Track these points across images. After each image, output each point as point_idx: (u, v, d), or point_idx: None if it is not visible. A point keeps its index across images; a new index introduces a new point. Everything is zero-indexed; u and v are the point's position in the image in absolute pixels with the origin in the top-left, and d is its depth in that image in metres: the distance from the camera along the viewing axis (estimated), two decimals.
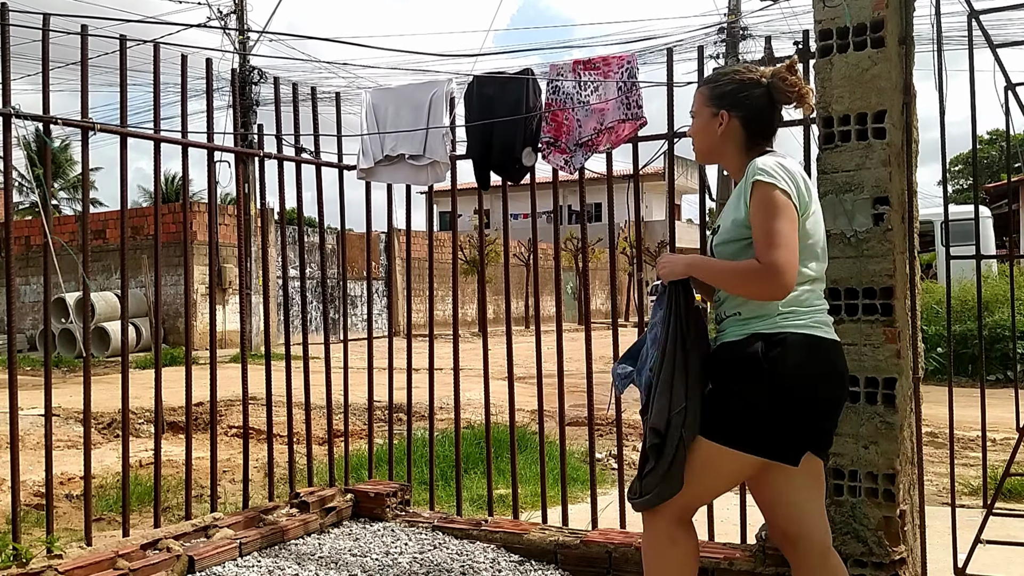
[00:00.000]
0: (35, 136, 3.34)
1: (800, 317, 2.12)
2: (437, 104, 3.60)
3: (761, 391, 2.10)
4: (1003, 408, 4.35)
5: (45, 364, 2.92)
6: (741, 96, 2.19)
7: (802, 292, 2.12)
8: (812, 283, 2.15)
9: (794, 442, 2.10)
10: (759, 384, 2.10)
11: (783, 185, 2.04)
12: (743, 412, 2.11)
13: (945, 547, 2.92)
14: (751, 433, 2.09)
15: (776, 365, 2.08)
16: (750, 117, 2.19)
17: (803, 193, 2.09)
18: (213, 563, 3.01)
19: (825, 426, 2.16)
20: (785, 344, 2.09)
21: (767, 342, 2.11)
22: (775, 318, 2.12)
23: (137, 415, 7.72)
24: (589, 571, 3.04)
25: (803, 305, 2.13)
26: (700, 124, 2.28)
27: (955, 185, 42.32)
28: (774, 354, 2.09)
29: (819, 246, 2.16)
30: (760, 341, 2.12)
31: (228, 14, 18.70)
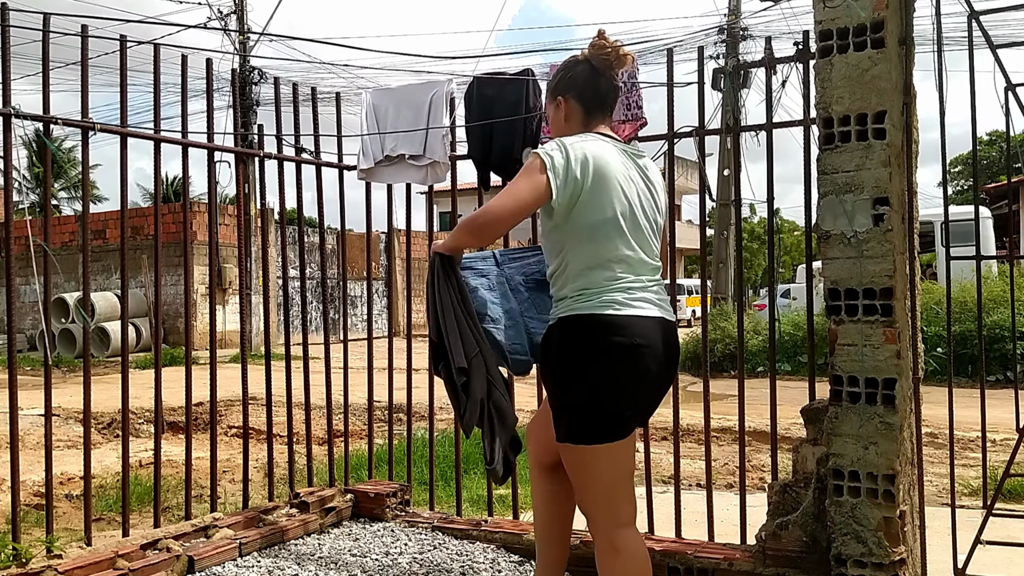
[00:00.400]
0: (35, 136, 3.33)
1: (585, 301, 2.20)
2: (437, 104, 3.60)
3: (563, 379, 2.21)
4: (1003, 408, 4.35)
5: (45, 364, 2.92)
6: (568, 77, 2.40)
7: (586, 278, 2.21)
8: (597, 265, 2.21)
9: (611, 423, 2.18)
10: (561, 372, 2.21)
11: (544, 155, 2.20)
12: (568, 407, 2.21)
13: (945, 547, 2.92)
14: (582, 424, 2.19)
15: (564, 349, 2.21)
16: (581, 92, 2.37)
17: (577, 180, 2.18)
18: (213, 563, 3.01)
19: (639, 403, 2.24)
20: (568, 326, 2.21)
21: (560, 326, 2.24)
22: (568, 301, 2.24)
23: (137, 415, 7.72)
24: (589, 571, 3.03)
25: (588, 287, 2.21)
26: (550, 117, 2.48)
27: (955, 186, 42.32)
28: (565, 338, 2.22)
29: (604, 229, 2.21)
30: (555, 327, 2.26)
31: (228, 14, 18.70)
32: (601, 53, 2.36)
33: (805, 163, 2.93)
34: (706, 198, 3.22)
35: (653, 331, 2.23)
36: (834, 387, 2.52)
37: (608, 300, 2.19)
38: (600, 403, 2.18)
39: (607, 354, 2.17)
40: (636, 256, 2.26)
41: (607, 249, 2.22)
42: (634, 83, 3.16)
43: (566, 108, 2.39)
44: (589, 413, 2.19)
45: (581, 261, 2.23)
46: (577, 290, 2.23)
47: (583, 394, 2.19)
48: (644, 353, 2.19)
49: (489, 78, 3.46)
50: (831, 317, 2.52)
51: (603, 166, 2.22)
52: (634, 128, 3.18)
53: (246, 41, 18.56)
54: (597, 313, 2.18)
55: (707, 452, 3.15)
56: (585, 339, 2.19)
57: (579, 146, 2.22)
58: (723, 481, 5.30)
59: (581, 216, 2.21)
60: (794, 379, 8.55)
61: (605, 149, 2.26)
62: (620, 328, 2.18)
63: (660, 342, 2.24)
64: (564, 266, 2.26)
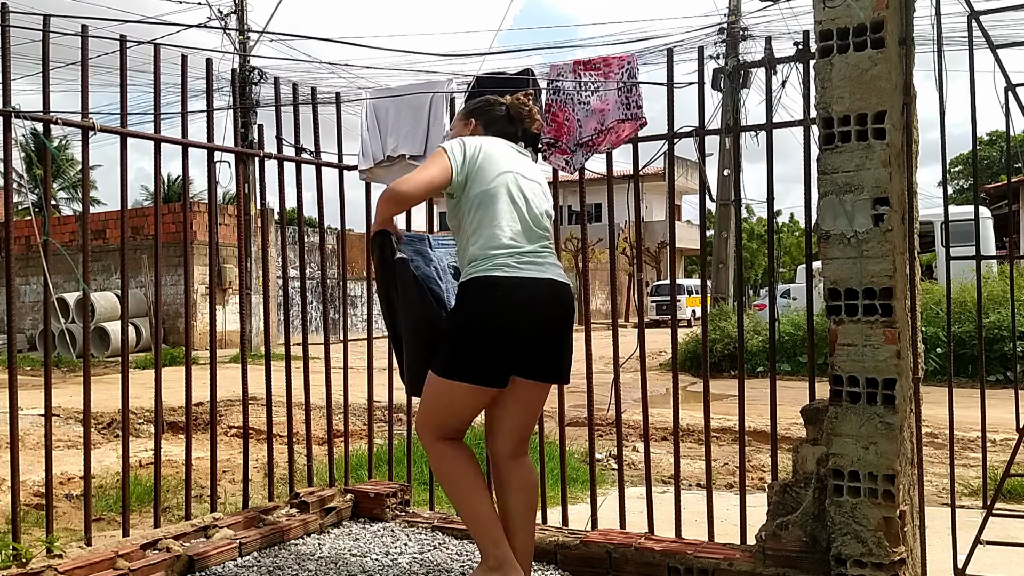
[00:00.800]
0: (31, 135, 3.33)
1: (481, 265, 2.60)
2: (438, 104, 3.60)
3: (457, 328, 2.61)
4: (1003, 408, 4.35)
5: (45, 364, 2.92)
6: (487, 111, 2.87)
7: (480, 246, 2.61)
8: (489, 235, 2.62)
9: (490, 368, 2.56)
10: (457, 323, 2.62)
11: (447, 147, 2.67)
12: (451, 349, 2.59)
13: (945, 547, 2.92)
14: (458, 365, 2.57)
15: (463, 306, 2.62)
16: (489, 127, 2.84)
17: (471, 161, 2.64)
18: (213, 563, 3.01)
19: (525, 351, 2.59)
20: (467, 288, 2.61)
21: (461, 287, 2.66)
22: (468, 267, 2.65)
23: (137, 415, 7.72)
24: (589, 571, 3.04)
25: (484, 254, 2.60)
26: (456, 130, 2.93)
27: (955, 186, 42.32)
28: (463, 296, 2.63)
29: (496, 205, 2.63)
30: (459, 289, 2.67)
31: (228, 14, 18.70)
32: (520, 110, 2.85)
33: (805, 163, 2.93)
34: (706, 198, 3.22)
35: (541, 291, 2.62)
36: (834, 387, 2.52)
37: (500, 264, 2.59)
38: (483, 351, 2.56)
39: (500, 309, 2.56)
40: (526, 227, 2.67)
41: (497, 222, 2.62)
42: (634, 83, 3.16)
43: (474, 131, 2.85)
44: (471, 358, 2.57)
45: (478, 233, 2.63)
46: (475, 257, 2.62)
47: (473, 342, 2.57)
48: (532, 307, 2.59)
49: (490, 78, 3.46)
50: (831, 317, 2.52)
51: (493, 153, 2.68)
52: (634, 128, 3.18)
53: (246, 41, 18.56)
54: (492, 275, 2.57)
55: (707, 452, 3.15)
56: (483, 297, 2.57)
57: (474, 141, 2.70)
58: (723, 481, 5.30)
59: (475, 194, 2.64)
60: (794, 379, 8.55)
61: (497, 143, 2.75)
62: (509, 288, 2.57)
63: (549, 299, 2.64)
64: (465, 238, 2.67)
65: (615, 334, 3.40)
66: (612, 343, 3.39)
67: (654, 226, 38.01)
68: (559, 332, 2.68)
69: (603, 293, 35.60)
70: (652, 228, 37.86)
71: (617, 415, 3.34)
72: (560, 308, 2.66)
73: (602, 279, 35.22)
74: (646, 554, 2.94)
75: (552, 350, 2.67)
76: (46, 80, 2.85)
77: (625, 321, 30.66)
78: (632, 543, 3.00)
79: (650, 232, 37.25)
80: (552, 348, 2.67)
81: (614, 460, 5.54)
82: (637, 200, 3.30)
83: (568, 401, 3.77)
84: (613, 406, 3.34)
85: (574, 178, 3.38)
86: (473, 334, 2.56)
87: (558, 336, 2.68)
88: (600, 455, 5.94)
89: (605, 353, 3.96)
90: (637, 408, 2.48)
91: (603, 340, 4.21)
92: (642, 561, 2.94)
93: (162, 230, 3.29)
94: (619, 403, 3.33)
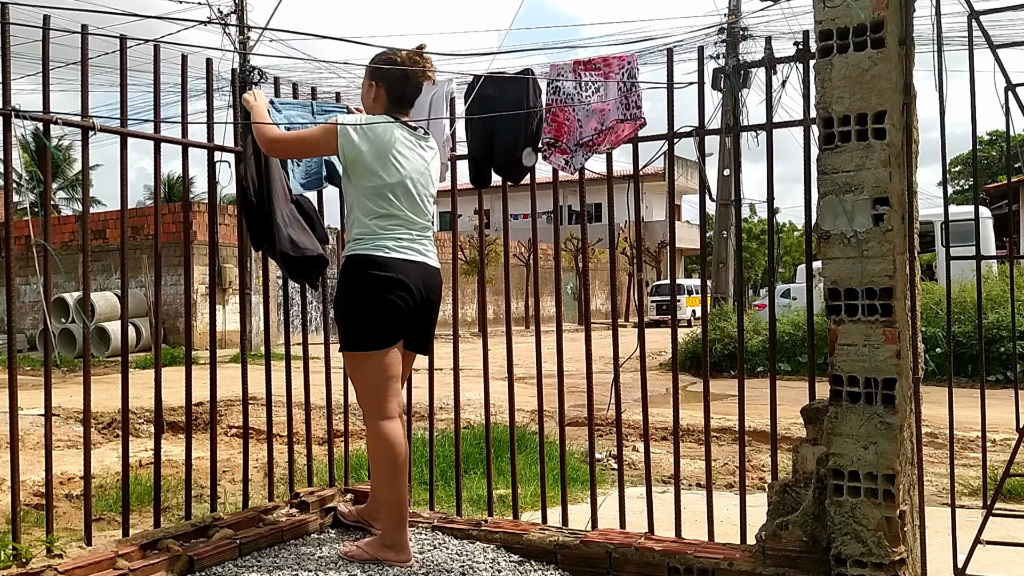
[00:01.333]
0: (32, 136, 3.33)
1: (364, 244, 2.98)
2: (437, 104, 3.59)
3: (342, 301, 2.99)
4: (1003, 408, 4.35)
5: (45, 364, 2.92)
6: (385, 71, 3.06)
7: (366, 227, 2.98)
8: (375, 218, 2.98)
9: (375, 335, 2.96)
10: (341, 297, 2.99)
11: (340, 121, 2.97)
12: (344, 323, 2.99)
13: (945, 547, 2.92)
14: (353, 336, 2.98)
15: (347, 281, 2.98)
16: (391, 86, 3.08)
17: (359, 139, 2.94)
18: (213, 563, 3.01)
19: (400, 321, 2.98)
20: (349, 263, 2.99)
21: (345, 262, 3.01)
22: (352, 244, 3.02)
23: (137, 415, 7.72)
24: (589, 571, 3.04)
25: (367, 234, 2.98)
26: (363, 92, 3.18)
27: (955, 186, 42.32)
28: (347, 272, 2.99)
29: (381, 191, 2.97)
30: (343, 263, 3.02)
31: (228, 14, 18.70)
32: (414, 66, 3.06)
33: (805, 163, 2.93)
34: (706, 198, 3.22)
35: (414, 271, 3.01)
36: (834, 387, 2.52)
37: (380, 245, 2.96)
38: (370, 320, 2.95)
39: (377, 284, 2.94)
40: (406, 215, 3.02)
41: (383, 207, 2.98)
42: (634, 83, 3.16)
43: (376, 92, 3.11)
44: (363, 328, 2.96)
45: (363, 214, 2.99)
46: (358, 235, 2.99)
47: (359, 313, 2.95)
48: (405, 285, 2.97)
49: (490, 78, 3.46)
50: (831, 317, 2.52)
51: (384, 142, 2.97)
52: (633, 128, 3.18)
53: (246, 40, 18.56)
54: (372, 254, 2.95)
55: (707, 452, 3.15)
56: (362, 273, 2.95)
57: (368, 125, 2.97)
58: (723, 481, 5.30)
59: (363, 179, 2.98)
60: (794, 379, 8.55)
61: (391, 130, 3.00)
62: (387, 266, 2.95)
63: (419, 279, 3.03)
64: (353, 216, 3.02)
65: (615, 334, 3.40)
66: (612, 343, 3.39)
67: (654, 226, 38.01)
68: (429, 309, 3.13)
69: (603, 293, 35.59)
70: (652, 228, 37.86)
71: (617, 415, 3.34)
72: (430, 290, 3.09)
73: (602, 279, 35.21)
74: (646, 554, 2.94)
75: (422, 323, 3.12)
76: (46, 80, 2.85)
77: (625, 321, 30.67)
78: (632, 543, 3.00)
79: (650, 232, 37.25)
80: (422, 322, 3.12)
81: (614, 460, 5.54)
82: (637, 200, 3.30)
83: (568, 401, 3.77)
84: (613, 406, 3.34)
85: (574, 178, 3.38)
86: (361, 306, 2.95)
87: (428, 312, 3.13)
88: (600, 455, 5.94)
89: (605, 353, 3.96)
90: (637, 408, 2.50)
91: (603, 340, 4.20)
92: (642, 561, 2.94)
93: (162, 230, 3.28)
94: (619, 403, 3.33)
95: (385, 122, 3.02)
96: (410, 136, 3.09)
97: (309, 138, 3.03)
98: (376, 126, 2.99)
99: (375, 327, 2.96)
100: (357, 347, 2.99)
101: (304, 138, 3.04)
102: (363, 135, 2.96)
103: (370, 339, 2.97)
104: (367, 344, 2.97)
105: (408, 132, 3.09)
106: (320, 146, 3.02)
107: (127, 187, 3.15)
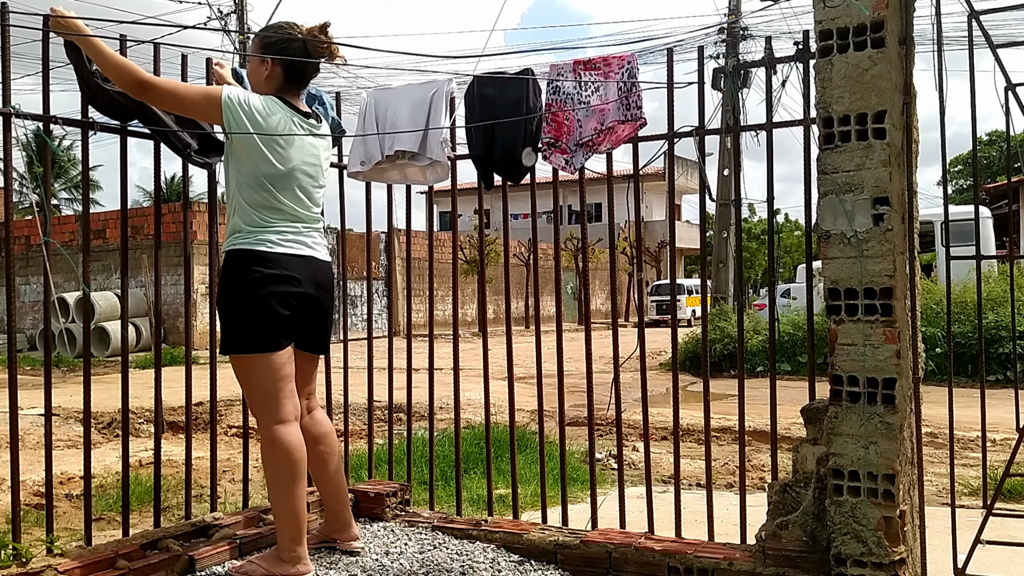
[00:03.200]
0: (33, 135, 3.31)
1: (245, 238, 2.76)
2: (437, 104, 3.59)
3: (223, 300, 2.78)
4: (1003, 408, 4.35)
5: (45, 364, 2.92)
6: (282, 48, 2.80)
7: (248, 217, 2.76)
8: (258, 209, 2.77)
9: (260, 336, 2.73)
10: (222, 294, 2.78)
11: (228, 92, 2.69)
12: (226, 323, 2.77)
13: (945, 547, 2.92)
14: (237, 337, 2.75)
15: (226, 276, 2.77)
16: (289, 66, 2.82)
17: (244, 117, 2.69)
18: (213, 563, 3.01)
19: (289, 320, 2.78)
20: (230, 257, 2.77)
21: (226, 257, 2.79)
22: (232, 237, 2.79)
23: (137, 415, 7.72)
24: (589, 571, 3.04)
25: (249, 226, 2.77)
26: (251, 68, 2.89)
27: (955, 185, 42.32)
28: (229, 267, 2.76)
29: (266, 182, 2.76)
30: (224, 257, 2.80)
31: (228, 14, 18.71)
32: (318, 44, 2.82)
33: (805, 163, 2.93)
34: (706, 198, 3.22)
35: (302, 266, 2.82)
36: (834, 387, 2.52)
37: (263, 239, 2.75)
38: (255, 320, 2.73)
39: (260, 281, 2.73)
40: (290, 206, 2.82)
41: (266, 198, 2.77)
42: (634, 83, 3.16)
43: (270, 70, 2.84)
44: (247, 328, 2.73)
45: (246, 203, 2.76)
46: (240, 227, 2.77)
47: (243, 313, 2.74)
48: (291, 281, 2.78)
49: (489, 78, 3.46)
50: (831, 317, 2.52)
51: (270, 128, 2.74)
52: (633, 128, 3.18)
53: (246, 40, 18.57)
54: (254, 248, 2.74)
55: (707, 452, 3.15)
56: (244, 268, 2.73)
57: (259, 105, 2.73)
58: (723, 481, 5.30)
59: (248, 164, 2.75)
60: (794, 379, 8.55)
61: (280, 116, 2.78)
62: (271, 261, 2.74)
63: (308, 275, 2.84)
64: (234, 203, 2.79)
65: (615, 334, 3.40)
66: (612, 343, 3.39)
67: (654, 226, 38.02)
68: (322, 306, 2.95)
69: (603, 293, 35.59)
70: (652, 228, 37.87)
71: (617, 415, 3.34)
72: (320, 284, 2.91)
73: (602, 279, 35.21)
74: (646, 554, 2.94)
75: (315, 321, 2.94)
76: (46, 80, 2.85)
77: (625, 321, 30.68)
78: (632, 543, 3.00)
79: (650, 232, 37.26)
80: (315, 319, 2.93)
81: (614, 460, 5.54)
82: (637, 200, 3.30)
83: (568, 401, 3.77)
84: (613, 406, 3.34)
85: (574, 178, 3.38)
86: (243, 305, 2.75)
87: (320, 309, 2.94)
88: (600, 455, 5.95)
89: (605, 353, 3.96)
90: (637, 408, 2.51)
91: (603, 340, 4.21)
92: (642, 561, 2.94)
93: (162, 230, 3.28)
94: (619, 403, 3.33)
95: (275, 105, 2.79)
96: (303, 122, 2.88)
97: (186, 97, 2.70)
98: (267, 106, 2.77)
99: (260, 327, 2.74)
100: (241, 349, 2.76)
101: (180, 94, 2.70)
102: (251, 114, 2.72)
103: (255, 341, 2.74)
104: (252, 346, 2.75)
105: (301, 118, 2.88)
106: (197, 111, 2.75)
107: (127, 187, 3.15)
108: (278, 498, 2.81)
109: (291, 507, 2.80)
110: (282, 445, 2.77)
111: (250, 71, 2.91)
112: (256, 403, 2.83)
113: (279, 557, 2.84)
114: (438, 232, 30.00)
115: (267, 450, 2.80)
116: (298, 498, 2.81)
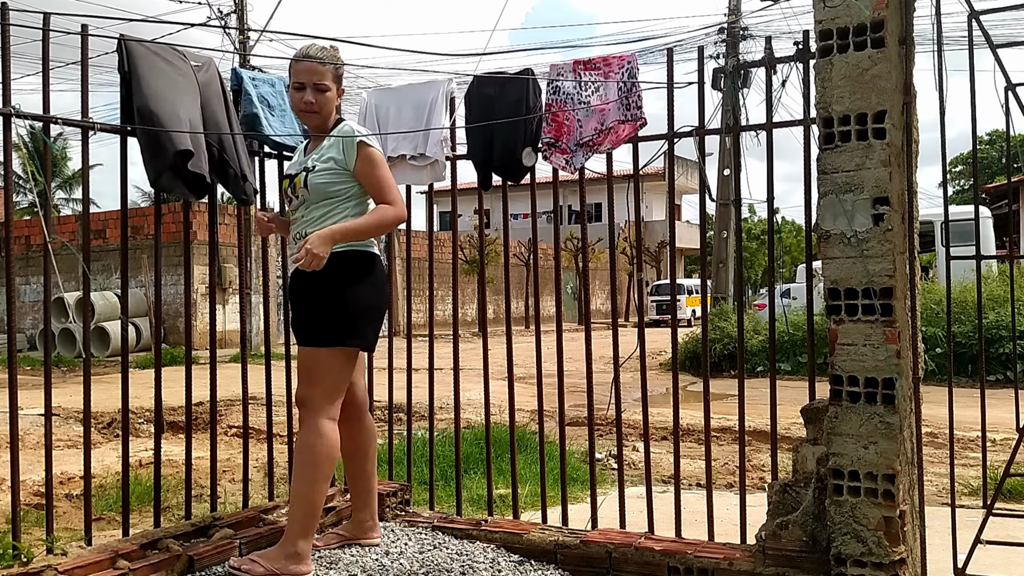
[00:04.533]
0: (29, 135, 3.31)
1: (363, 242, 2.95)
2: (438, 103, 3.59)
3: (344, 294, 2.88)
4: (1003, 408, 4.35)
5: (45, 364, 2.92)
6: (343, 76, 3.11)
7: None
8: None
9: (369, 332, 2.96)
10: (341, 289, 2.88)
11: (376, 146, 2.96)
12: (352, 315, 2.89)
13: (945, 547, 2.92)
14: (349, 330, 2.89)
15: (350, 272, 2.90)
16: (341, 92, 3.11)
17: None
18: (213, 563, 3.01)
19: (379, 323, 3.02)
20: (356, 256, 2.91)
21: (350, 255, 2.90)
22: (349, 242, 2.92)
23: (137, 415, 7.72)
24: (589, 571, 3.04)
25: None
26: (332, 96, 3.03)
27: (955, 185, 42.34)
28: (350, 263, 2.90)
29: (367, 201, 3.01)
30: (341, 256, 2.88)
31: (228, 14, 18.71)
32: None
33: (805, 163, 2.93)
34: (706, 198, 3.22)
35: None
36: (834, 387, 2.52)
37: (372, 242, 3.00)
38: (368, 317, 2.95)
39: (382, 283, 3.02)
40: None
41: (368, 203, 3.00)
42: (634, 82, 3.16)
43: (339, 96, 3.07)
44: (358, 324, 2.91)
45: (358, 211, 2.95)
46: None
47: (363, 309, 2.91)
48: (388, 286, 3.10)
49: (489, 78, 3.46)
50: (831, 317, 2.52)
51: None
52: (634, 128, 3.18)
53: (246, 40, 18.56)
54: (374, 252, 2.99)
55: (707, 452, 3.15)
56: (371, 268, 2.94)
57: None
58: (723, 481, 5.30)
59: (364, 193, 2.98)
60: (794, 379, 8.55)
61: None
62: (380, 267, 3.01)
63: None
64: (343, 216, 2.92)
65: (615, 334, 3.40)
66: (612, 343, 3.39)
67: (654, 226, 38.01)
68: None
69: (603, 293, 35.59)
70: (652, 228, 37.86)
71: (617, 415, 3.34)
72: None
73: (602, 279, 35.21)
74: (646, 554, 2.94)
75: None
76: (46, 80, 2.85)
77: (625, 321, 30.68)
78: (632, 543, 3.00)
79: (650, 232, 37.25)
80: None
81: (614, 460, 5.54)
82: (637, 200, 3.30)
83: (568, 401, 3.78)
84: (613, 406, 3.34)
85: (574, 178, 3.38)
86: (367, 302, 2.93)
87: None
88: (600, 455, 5.95)
89: (605, 353, 3.96)
90: (637, 408, 2.51)
91: (603, 340, 4.21)
92: (642, 561, 2.94)
93: (162, 230, 3.28)
94: (619, 403, 3.33)
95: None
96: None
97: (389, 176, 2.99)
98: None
99: (369, 324, 2.95)
100: (349, 342, 2.91)
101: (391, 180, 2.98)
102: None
103: (360, 336, 2.93)
104: (359, 341, 2.94)
105: None
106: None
107: (127, 187, 3.15)
108: (303, 490, 2.87)
109: (312, 501, 2.88)
110: (328, 439, 2.87)
111: (329, 101, 3.02)
112: (322, 394, 2.89)
113: (281, 554, 2.86)
114: (438, 232, 29.98)
115: (312, 440, 2.85)
116: (321, 494, 2.91)
